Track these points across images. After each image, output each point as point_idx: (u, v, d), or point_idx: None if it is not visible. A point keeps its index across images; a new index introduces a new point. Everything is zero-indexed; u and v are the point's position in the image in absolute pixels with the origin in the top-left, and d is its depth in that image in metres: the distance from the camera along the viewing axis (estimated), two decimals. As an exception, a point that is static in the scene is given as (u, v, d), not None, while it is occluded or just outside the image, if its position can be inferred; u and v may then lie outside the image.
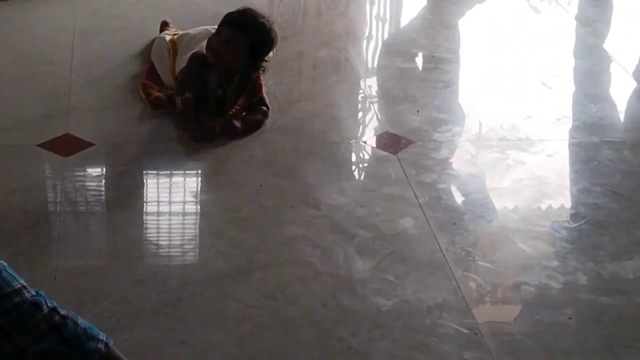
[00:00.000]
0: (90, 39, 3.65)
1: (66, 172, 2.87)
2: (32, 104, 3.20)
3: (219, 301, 2.38)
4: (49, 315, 1.66)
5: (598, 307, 2.44)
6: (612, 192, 2.92)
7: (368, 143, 3.16)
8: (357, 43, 3.87)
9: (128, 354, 2.15)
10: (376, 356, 2.23)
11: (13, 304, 1.61)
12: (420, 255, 2.60)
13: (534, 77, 3.64)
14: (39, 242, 2.55)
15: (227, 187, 2.84)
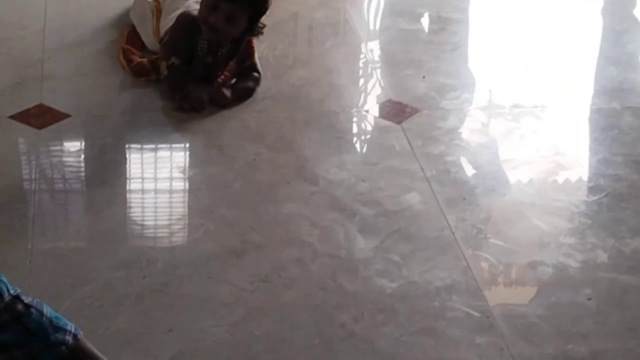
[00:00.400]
0: (65, 0, 3.61)
1: (40, 146, 2.84)
2: (2, 72, 3.17)
3: (209, 285, 2.36)
4: (10, 304, 1.64)
5: (619, 287, 2.42)
6: (635, 163, 2.90)
7: (370, 112, 3.14)
8: (357, 2, 3.85)
9: (111, 342, 2.15)
10: (380, 342, 2.21)
11: None
12: (427, 233, 2.57)
13: (549, 39, 3.61)
14: (13, 223, 2.52)
15: (218, 162, 2.82)
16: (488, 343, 2.23)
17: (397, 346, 2.21)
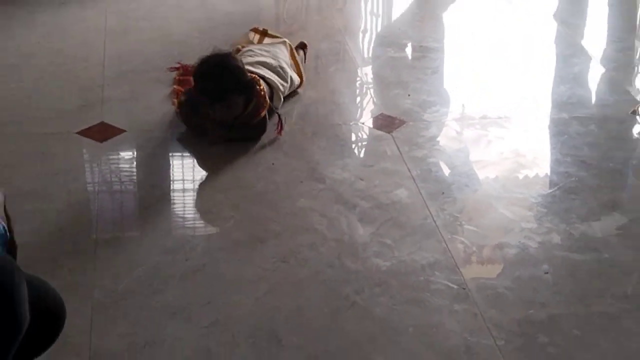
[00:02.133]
0: (120, 37, 3.64)
1: (102, 155, 2.87)
2: (70, 96, 3.19)
3: (238, 266, 2.39)
4: None
5: (570, 263, 2.44)
6: (581, 162, 2.92)
7: (366, 124, 3.15)
8: (354, 36, 3.86)
9: (161, 313, 2.18)
10: (377, 310, 2.23)
11: None
12: (413, 222, 2.59)
13: (511, 62, 3.62)
14: (81, 218, 2.55)
15: (244, 167, 2.84)
16: (464, 310, 2.25)
17: (391, 313, 2.23)
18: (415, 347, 2.12)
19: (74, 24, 3.74)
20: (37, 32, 3.66)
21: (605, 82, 3.54)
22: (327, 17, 4.00)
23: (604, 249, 2.50)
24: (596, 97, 3.43)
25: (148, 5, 3.94)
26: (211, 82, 2.83)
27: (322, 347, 2.11)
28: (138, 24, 3.77)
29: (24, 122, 3.03)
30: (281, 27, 3.99)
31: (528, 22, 4.02)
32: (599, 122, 3.19)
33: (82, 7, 3.89)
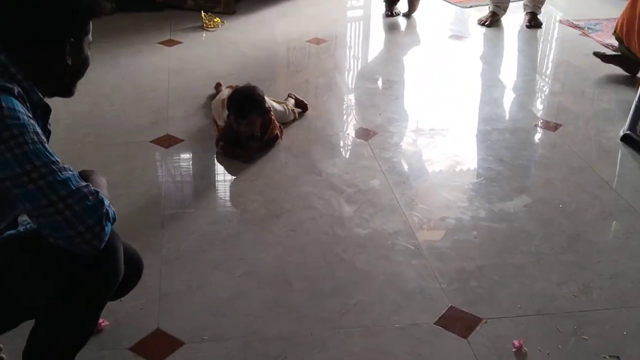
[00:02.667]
0: (178, 75, 3.63)
1: (167, 157, 2.86)
2: (145, 116, 3.18)
3: (262, 234, 2.39)
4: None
5: (492, 230, 2.45)
6: (499, 160, 2.91)
7: (349, 134, 3.15)
8: (341, 73, 3.86)
9: (207, 266, 2.19)
10: (358, 264, 2.24)
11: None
12: (383, 202, 2.59)
13: (450, 90, 3.62)
14: (153, 200, 2.55)
15: (265, 164, 2.83)
16: (419, 263, 2.26)
17: (368, 266, 2.25)
18: (384, 289, 2.13)
19: (147, 65, 3.74)
20: (121, 70, 3.66)
21: (516, 104, 3.54)
22: (322, 60, 3.99)
23: (515, 220, 2.50)
24: (509, 114, 3.43)
25: (198, 54, 3.93)
26: (239, 105, 2.82)
27: (320, 289, 2.12)
28: (191, 66, 3.76)
29: (113, 134, 3.02)
30: (291, 67, 3.98)
31: (462, 62, 4.01)
32: (512, 132, 3.18)
33: (152, 54, 3.89)
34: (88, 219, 1.33)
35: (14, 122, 1.30)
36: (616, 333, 1.96)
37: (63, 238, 1.32)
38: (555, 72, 4.01)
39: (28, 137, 1.30)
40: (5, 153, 1.28)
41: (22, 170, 1.29)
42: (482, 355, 1.87)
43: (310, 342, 1.90)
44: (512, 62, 4.17)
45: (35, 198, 1.30)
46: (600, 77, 3.74)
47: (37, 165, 1.30)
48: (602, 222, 2.51)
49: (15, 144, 1.29)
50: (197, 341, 1.88)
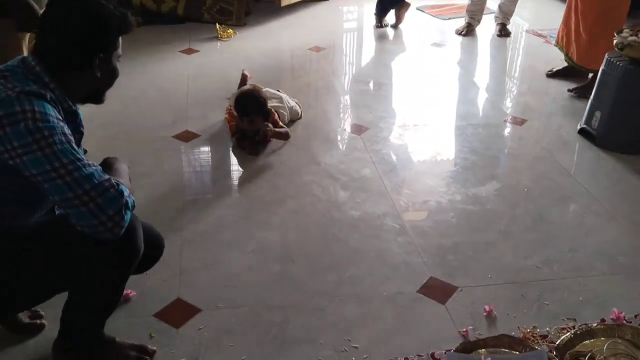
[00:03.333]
0: (196, 79, 3.60)
1: (187, 150, 2.84)
2: (167, 114, 3.16)
3: (269, 215, 2.38)
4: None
5: (467, 211, 2.44)
6: (473, 151, 2.89)
7: (345, 130, 3.13)
8: (338, 76, 3.82)
9: (222, 245, 2.17)
10: (351, 242, 2.24)
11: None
12: (373, 188, 2.58)
13: (431, 91, 3.59)
14: (175, 186, 2.54)
15: (271, 156, 2.81)
16: (404, 240, 2.26)
17: (360, 243, 2.24)
18: (374, 263, 2.13)
19: (169, 71, 3.71)
20: (147, 76, 3.63)
21: (488, 102, 3.51)
22: (321, 66, 3.96)
23: (487, 203, 2.49)
24: (482, 111, 3.40)
25: (214, 61, 3.89)
26: (243, 105, 2.79)
27: (319, 264, 2.11)
28: (207, 71, 3.73)
29: (140, 131, 3.00)
30: (294, 72, 3.96)
31: (442, 66, 3.98)
32: (484, 127, 3.16)
33: (174, 61, 3.85)
34: (109, 210, 1.33)
35: (44, 125, 1.30)
36: (573, 299, 1.96)
37: (88, 227, 1.33)
38: (522, 75, 3.98)
39: (57, 138, 1.31)
40: (37, 152, 1.29)
41: (51, 167, 1.30)
42: (458, 318, 1.86)
43: (309, 310, 1.89)
44: (485, 66, 4.14)
45: (62, 191, 1.31)
46: (562, 80, 3.70)
47: (64, 163, 1.30)
48: (562, 204, 2.50)
49: (46, 144, 1.29)
50: (213, 309, 1.87)
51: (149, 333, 1.76)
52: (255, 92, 2.85)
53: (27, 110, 1.28)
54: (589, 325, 1.82)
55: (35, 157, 1.29)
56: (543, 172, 2.72)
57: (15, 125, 1.27)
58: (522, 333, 1.81)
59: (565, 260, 2.15)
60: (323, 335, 1.78)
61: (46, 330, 1.74)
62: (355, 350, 1.73)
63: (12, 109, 1.28)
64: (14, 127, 1.27)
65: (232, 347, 1.73)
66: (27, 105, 1.29)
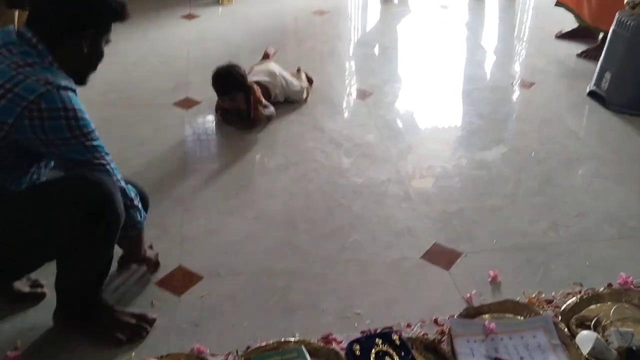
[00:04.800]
0: (198, 45, 3.54)
1: (188, 117, 2.80)
2: (168, 81, 3.11)
3: (271, 182, 2.35)
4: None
5: (472, 176, 2.39)
6: (480, 115, 2.83)
7: (349, 95, 3.07)
8: (343, 40, 3.74)
9: (224, 211, 2.14)
10: (354, 208, 2.20)
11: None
12: (377, 154, 2.53)
13: (438, 55, 3.51)
14: (175, 154, 2.51)
15: (274, 123, 2.75)
16: (408, 206, 2.22)
17: (363, 209, 2.21)
18: (378, 229, 2.10)
19: (170, 37, 3.65)
20: (148, 42, 3.57)
21: (495, 65, 3.44)
22: (325, 30, 3.88)
23: (493, 167, 2.44)
24: (489, 75, 3.33)
25: (215, 26, 3.81)
26: (221, 83, 2.65)
27: (321, 230, 2.09)
28: (208, 36, 3.66)
29: (140, 97, 2.96)
30: (298, 36, 3.87)
31: (448, 29, 3.89)
32: (491, 90, 3.09)
33: (174, 27, 3.78)
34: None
35: (83, 123, 1.42)
36: (580, 264, 1.92)
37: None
38: (530, 37, 3.87)
39: (93, 135, 1.44)
40: (75, 145, 1.41)
41: (84, 158, 1.44)
42: (461, 284, 1.84)
43: (311, 276, 1.87)
44: (492, 28, 4.04)
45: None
46: (571, 41, 3.61)
47: (96, 156, 1.46)
48: (570, 168, 2.45)
49: (85, 140, 1.43)
50: (214, 276, 1.86)
51: (151, 301, 1.75)
52: (231, 68, 2.65)
53: (68, 109, 1.38)
54: (595, 290, 1.79)
55: (72, 148, 1.42)
56: (551, 136, 2.66)
57: (56, 121, 1.36)
58: (527, 298, 1.78)
59: (572, 224, 2.11)
60: (325, 302, 1.77)
61: (47, 298, 1.73)
62: (357, 317, 1.72)
63: (55, 105, 1.36)
64: (54, 122, 1.36)
65: (233, 314, 1.72)
66: (67, 103, 1.38)
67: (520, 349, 1.61)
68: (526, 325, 1.66)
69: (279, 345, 1.58)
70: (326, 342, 1.62)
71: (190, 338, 1.62)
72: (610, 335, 1.59)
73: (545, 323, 1.65)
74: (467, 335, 1.63)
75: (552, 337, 1.62)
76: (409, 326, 1.68)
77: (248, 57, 3.16)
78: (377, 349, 1.56)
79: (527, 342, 1.62)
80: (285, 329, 1.66)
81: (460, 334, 1.63)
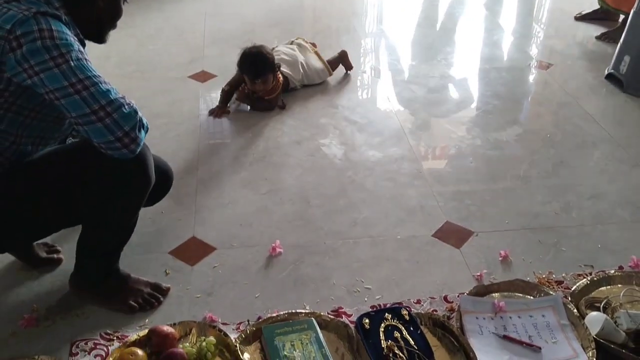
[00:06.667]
0: (214, 19, 3.53)
1: (203, 90, 2.81)
2: (184, 54, 3.12)
3: (284, 157, 2.35)
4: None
5: (486, 156, 2.38)
6: (496, 95, 2.82)
7: (364, 72, 3.05)
8: (359, 18, 3.71)
9: (237, 184, 2.15)
10: (367, 184, 2.20)
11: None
12: (390, 131, 2.53)
13: (455, 33, 3.48)
14: (190, 127, 2.52)
15: (288, 98, 2.76)
16: (420, 184, 2.22)
17: (376, 187, 2.21)
18: (389, 206, 2.10)
19: (186, 10, 3.64)
20: (165, 15, 3.57)
21: (513, 46, 3.40)
22: (342, 8, 3.84)
23: (507, 148, 2.43)
24: (507, 55, 3.29)
25: (232, 0, 3.81)
26: (257, 65, 2.56)
27: (333, 206, 2.09)
28: (225, 10, 3.65)
29: (156, 70, 2.96)
30: (316, 12, 3.84)
31: (467, 8, 3.84)
32: (508, 70, 3.07)
33: (190, 0, 3.77)
34: (125, 125, 1.34)
35: (62, 42, 1.30)
36: (591, 246, 1.92)
37: (105, 143, 1.34)
38: (550, 18, 3.82)
39: (74, 55, 1.31)
40: (54, 69, 1.29)
41: (68, 82, 1.30)
42: (472, 262, 1.84)
43: (323, 250, 1.88)
44: (511, 8, 3.99)
45: (79, 107, 1.31)
46: (590, 23, 3.55)
47: (81, 78, 1.30)
48: (585, 150, 2.43)
49: (63, 61, 1.29)
50: (227, 247, 1.88)
51: (165, 270, 1.77)
52: (262, 49, 2.58)
53: (43, 29, 1.28)
54: (606, 272, 1.78)
55: (52, 74, 1.28)
56: (567, 118, 2.64)
57: (31, 44, 1.27)
58: (537, 278, 1.78)
59: (585, 206, 2.10)
60: (336, 275, 1.78)
61: (63, 264, 1.76)
62: (367, 291, 1.73)
63: (30, 28, 1.27)
64: (30, 45, 1.27)
65: (246, 285, 1.74)
66: (44, 24, 1.28)
67: (528, 327, 1.61)
68: (535, 305, 1.67)
69: (289, 316, 1.60)
70: (336, 315, 1.63)
71: (203, 307, 1.65)
72: (619, 317, 1.59)
73: (555, 303, 1.66)
74: (477, 312, 1.64)
75: (561, 317, 1.63)
76: (418, 302, 1.69)
77: (263, 33, 3.15)
78: (387, 323, 1.57)
79: (535, 321, 1.63)
80: (296, 301, 1.68)
81: (469, 311, 1.64)
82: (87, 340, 1.53)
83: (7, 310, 1.62)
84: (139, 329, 1.57)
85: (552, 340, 1.58)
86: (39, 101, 1.36)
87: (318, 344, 1.50)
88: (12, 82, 1.31)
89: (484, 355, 1.51)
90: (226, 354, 1.49)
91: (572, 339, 1.57)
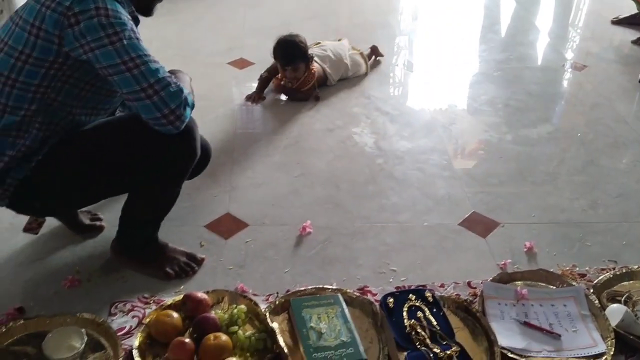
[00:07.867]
0: (253, 10, 3.61)
1: (240, 77, 2.88)
2: (224, 42, 3.20)
3: (318, 144, 2.41)
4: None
5: (516, 152, 2.41)
6: (529, 93, 2.83)
7: (397, 65, 3.09)
8: (393, 14, 3.74)
9: (271, 167, 2.22)
10: (396, 173, 2.25)
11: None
12: (422, 122, 2.57)
13: (490, 31, 3.49)
14: (227, 110, 2.60)
15: (323, 88, 2.81)
16: (449, 175, 2.26)
17: (404, 175, 2.25)
18: (418, 195, 2.14)
19: (227, 1, 3.73)
20: (206, 3, 3.67)
21: (548, 46, 3.40)
22: (378, 4, 3.88)
23: (537, 145, 2.45)
24: (542, 55, 3.30)
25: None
26: (285, 52, 2.63)
27: (362, 191, 2.14)
28: (264, 2, 3.72)
29: (196, 55, 3.05)
30: (352, 5, 3.89)
31: (503, 7, 3.85)
32: (542, 70, 3.08)
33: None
34: (171, 103, 1.41)
35: (116, 21, 1.37)
36: (616, 242, 1.94)
37: (152, 119, 1.42)
38: (586, 20, 3.81)
39: (127, 34, 1.38)
40: (109, 46, 1.36)
41: (120, 60, 1.37)
42: (497, 252, 1.88)
43: (351, 232, 1.94)
44: (548, 9, 3.99)
45: (130, 84, 1.38)
46: (627, 27, 3.54)
47: (132, 57, 1.38)
48: (615, 150, 2.44)
49: (117, 39, 1.36)
50: (259, 224, 1.95)
51: (200, 242, 1.85)
52: (295, 37, 2.64)
53: (100, 7, 1.35)
54: (629, 267, 1.81)
55: (107, 51, 1.35)
56: (599, 119, 2.65)
57: (88, 21, 1.34)
58: (561, 270, 1.81)
59: (612, 204, 2.12)
60: (363, 257, 1.84)
61: (105, 232, 1.85)
62: (393, 273, 1.78)
63: (87, 6, 1.34)
64: (87, 22, 1.34)
65: (276, 260, 1.80)
66: (100, 3, 1.35)
67: (549, 315, 1.65)
68: (558, 294, 1.70)
69: (317, 291, 1.66)
70: (362, 293, 1.69)
71: (235, 278, 1.72)
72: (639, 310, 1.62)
73: (577, 294, 1.69)
74: (499, 298, 1.68)
75: (583, 307, 1.66)
76: (442, 286, 1.73)
77: (300, 25, 3.20)
78: (410, 304, 1.62)
79: (557, 310, 1.66)
80: (324, 278, 1.74)
81: (492, 297, 1.68)
82: (126, 302, 1.61)
83: (52, 271, 1.71)
84: (174, 294, 1.65)
85: (573, 329, 1.61)
86: (94, 75, 1.44)
87: (343, 318, 1.56)
88: (69, 56, 1.39)
89: (504, 338, 1.55)
90: (256, 322, 1.56)
91: (592, 329, 1.60)
